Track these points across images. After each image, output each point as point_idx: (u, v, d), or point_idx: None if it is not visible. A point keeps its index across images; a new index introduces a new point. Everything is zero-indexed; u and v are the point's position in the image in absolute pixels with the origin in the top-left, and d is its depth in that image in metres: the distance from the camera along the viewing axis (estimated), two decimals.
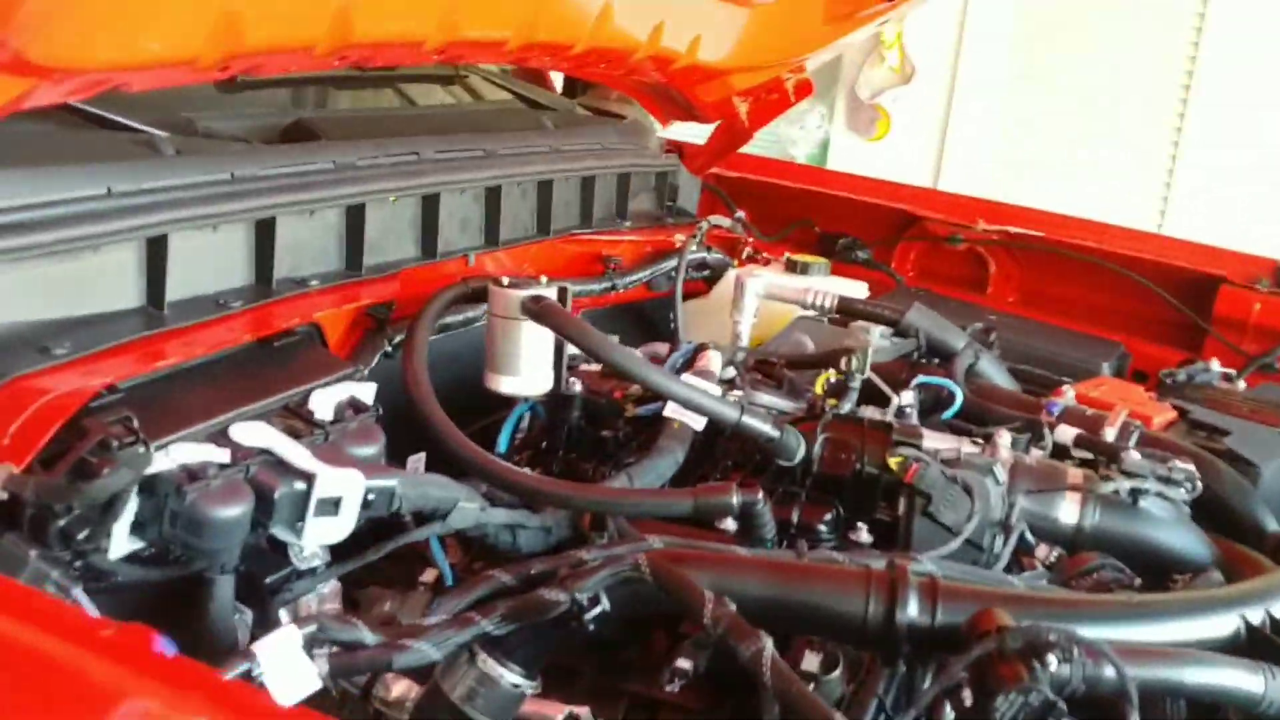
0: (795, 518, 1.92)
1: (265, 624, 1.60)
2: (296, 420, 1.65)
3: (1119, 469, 1.94)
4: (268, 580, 1.65)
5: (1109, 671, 1.32)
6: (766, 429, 1.92)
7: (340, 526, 1.58)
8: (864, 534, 1.92)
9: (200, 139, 1.96)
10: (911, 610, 1.42)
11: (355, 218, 2.03)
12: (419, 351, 1.94)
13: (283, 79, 2.45)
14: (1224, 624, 1.52)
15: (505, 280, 2.01)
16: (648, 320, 2.98)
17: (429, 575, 1.87)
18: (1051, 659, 1.32)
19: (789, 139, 6.06)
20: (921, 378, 2.31)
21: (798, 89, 3.19)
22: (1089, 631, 1.41)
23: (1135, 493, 1.88)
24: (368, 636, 1.42)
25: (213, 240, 1.80)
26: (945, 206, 3.27)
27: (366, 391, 1.76)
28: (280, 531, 1.57)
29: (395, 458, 2.04)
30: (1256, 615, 1.54)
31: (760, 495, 1.72)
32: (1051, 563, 1.84)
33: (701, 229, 2.81)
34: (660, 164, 3.01)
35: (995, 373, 2.53)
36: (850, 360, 2.14)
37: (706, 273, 2.96)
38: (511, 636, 1.49)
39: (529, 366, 2.02)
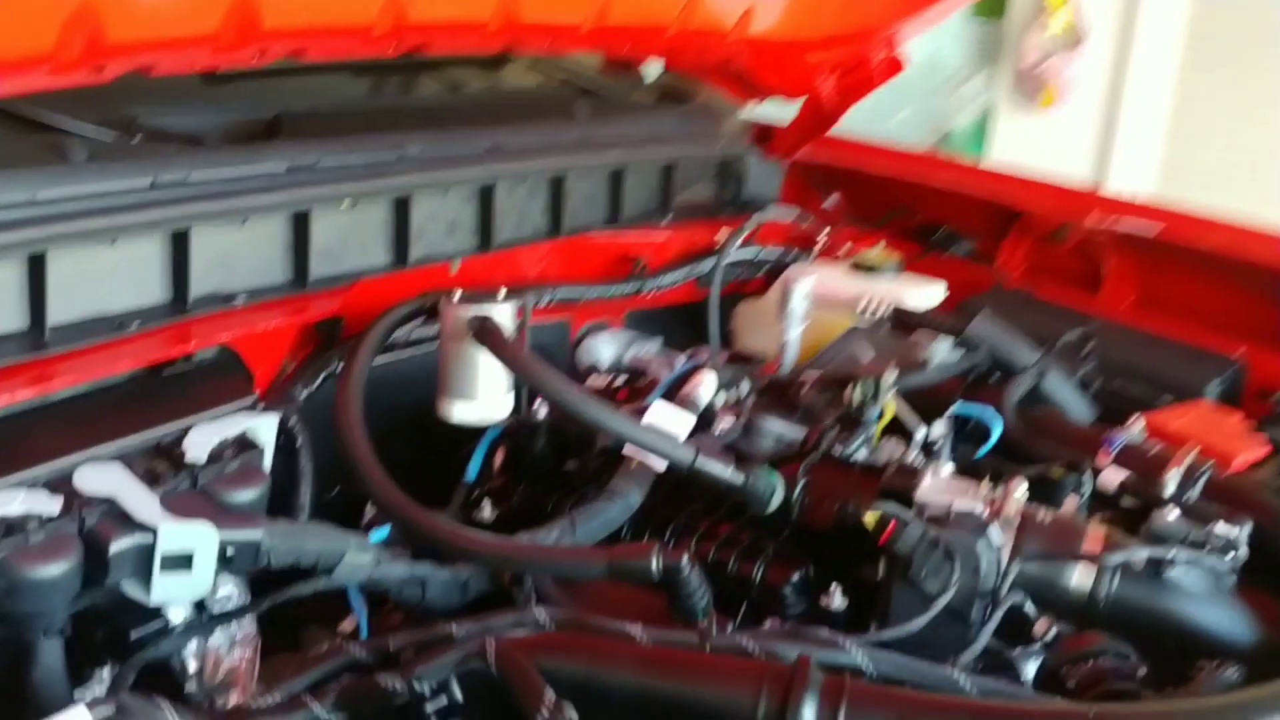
0: (758, 577, 1.68)
1: (121, 682, 1.46)
2: (162, 462, 1.49)
3: (1147, 531, 1.63)
4: (134, 634, 1.50)
5: None
6: (727, 474, 1.68)
7: (196, 583, 1.42)
8: (837, 598, 1.67)
9: (135, 141, 1.82)
10: (807, 716, 1.18)
11: (301, 225, 1.86)
12: (356, 374, 1.77)
13: (286, 68, 2.30)
14: None
15: (458, 295, 1.81)
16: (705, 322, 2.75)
17: (348, 624, 1.71)
18: None
19: (947, 110, 5.64)
20: (958, 406, 2.01)
21: (886, 66, 2.87)
22: None
23: (1156, 563, 1.56)
24: None
25: (112, 256, 1.65)
26: (1055, 198, 2.89)
27: (265, 426, 1.60)
28: (131, 588, 1.42)
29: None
30: None
31: (685, 559, 1.48)
32: (1049, 641, 1.56)
33: (749, 224, 2.54)
34: (721, 151, 2.75)
35: (1067, 395, 2.20)
36: (856, 388, 1.86)
37: (764, 271, 2.69)
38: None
39: (484, 390, 1.82)
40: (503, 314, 1.79)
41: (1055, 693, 1.47)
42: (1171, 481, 1.86)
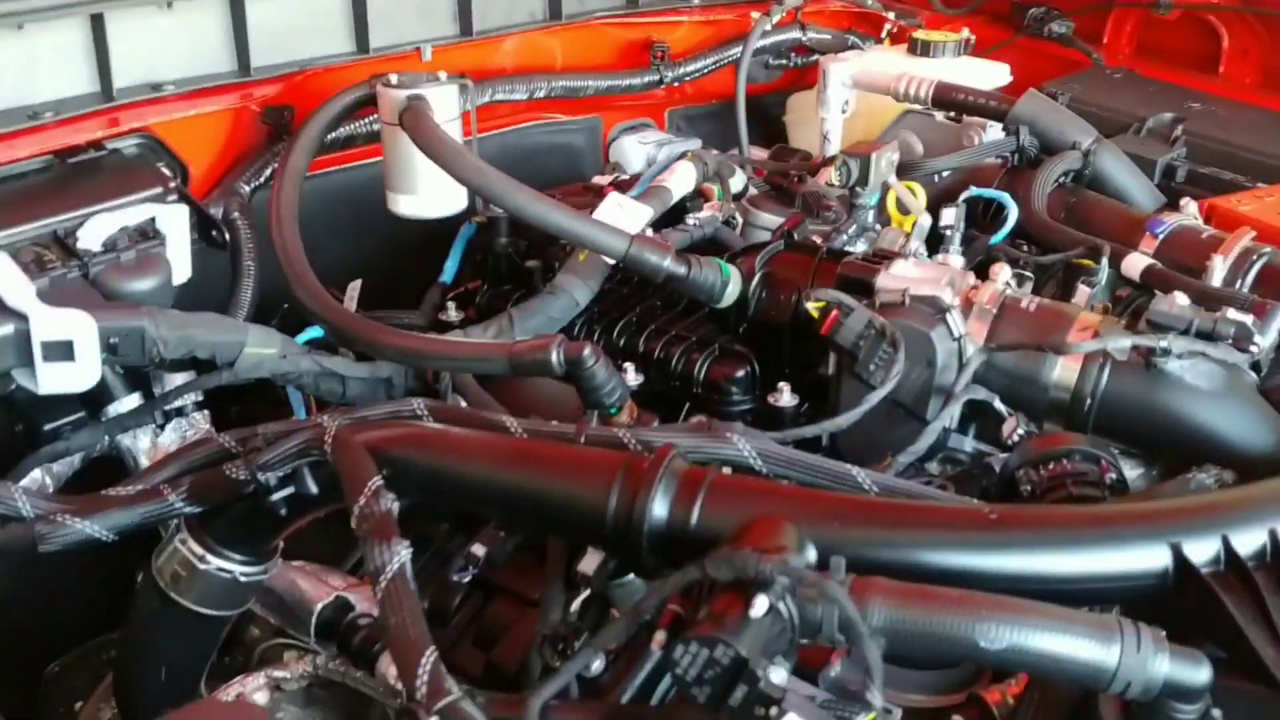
0: (701, 373, 1.61)
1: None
2: (54, 250, 1.50)
3: (1147, 321, 1.46)
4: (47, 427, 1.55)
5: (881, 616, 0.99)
6: (665, 264, 1.59)
7: (82, 372, 1.44)
8: (785, 395, 1.58)
9: None
10: (657, 508, 1.11)
11: (238, 7, 1.81)
12: (292, 166, 1.74)
13: None
14: (1139, 556, 1.09)
15: (394, 79, 1.75)
16: (764, 116, 2.63)
17: None
18: (761, 602, 0.99)
19: None
20: (972, 190, 1.87)
21: None
22: (921, 557, 1.07)
23: (1148, 353, 1.40)
24: (24, 506, 1.28)
25: (24, 42, 1.64)
26: None
27: (173, 216, 1.59)
28: (22, 378, 1.45)
29: None
30: (1203, 544, 1.10)
31: (588, 351, 1.42)
32: (1015, 441, 1.45)
33: (783, 4, 2.38)
34: None
35: (1125, 180, 2.01)
36: (833, 169, 1.74)
37: (814, 58, 2.54)
38: (225, 514, 1.32)
39: (427, 182, 1.77)
40: (441, 98, 1.73)
41: (1011, 499, 1.36)
42: (1217, 269, 1.69)
